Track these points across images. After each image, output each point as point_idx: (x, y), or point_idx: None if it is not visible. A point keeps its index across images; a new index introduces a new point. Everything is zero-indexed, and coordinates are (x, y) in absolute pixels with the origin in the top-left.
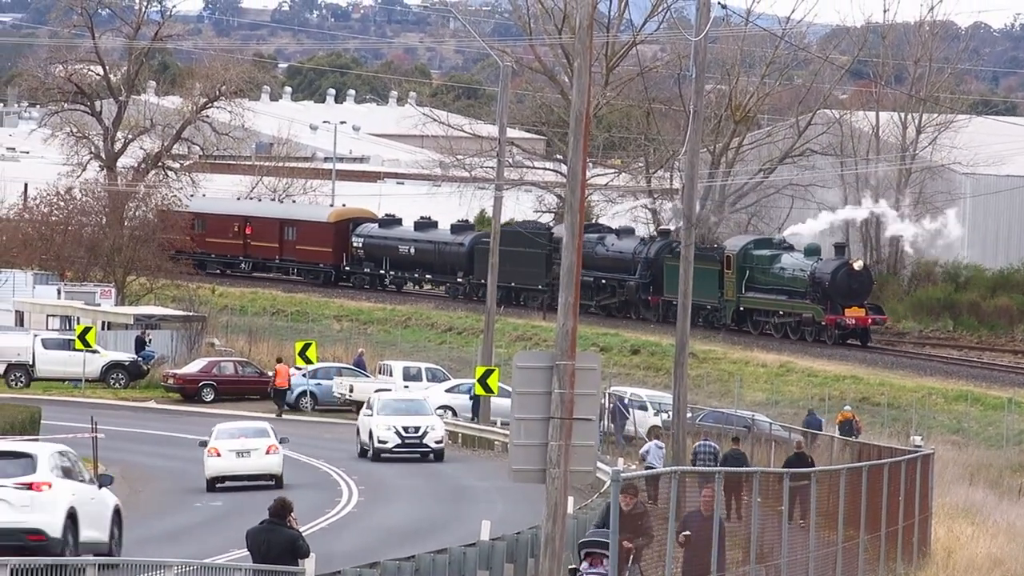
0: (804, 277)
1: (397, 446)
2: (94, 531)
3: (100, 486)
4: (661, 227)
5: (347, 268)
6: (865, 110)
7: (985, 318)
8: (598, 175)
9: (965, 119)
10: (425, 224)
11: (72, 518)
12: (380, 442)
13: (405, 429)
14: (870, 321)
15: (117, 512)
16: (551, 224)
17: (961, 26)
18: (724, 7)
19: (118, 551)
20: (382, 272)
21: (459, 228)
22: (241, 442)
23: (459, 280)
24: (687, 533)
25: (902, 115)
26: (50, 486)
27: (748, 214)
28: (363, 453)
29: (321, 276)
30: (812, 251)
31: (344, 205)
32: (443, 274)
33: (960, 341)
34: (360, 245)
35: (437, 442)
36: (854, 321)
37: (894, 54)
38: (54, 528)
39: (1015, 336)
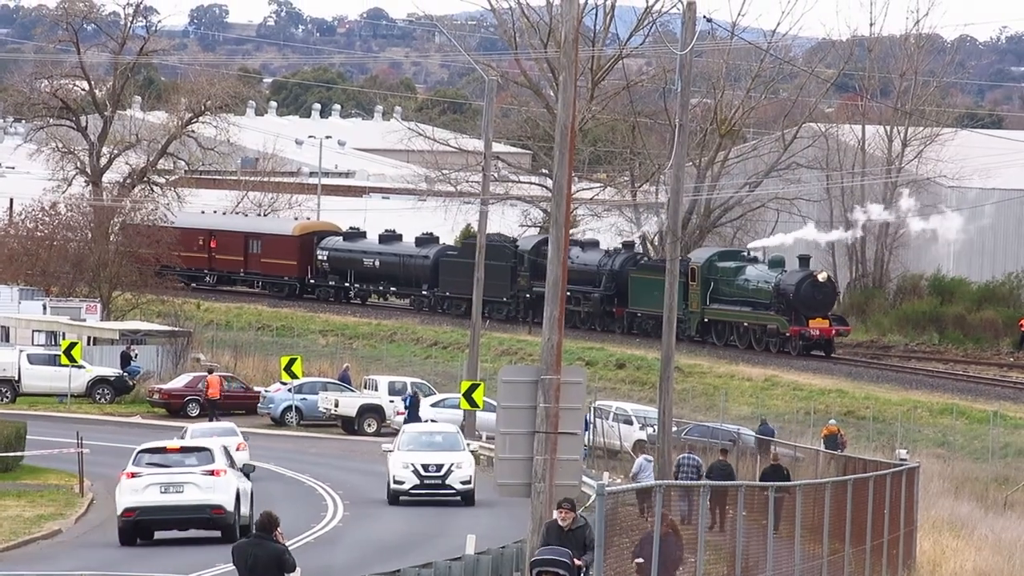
0: (768, 289)
1: (415, 487)
2: (245, 508)
3: (246, 475)
4: (625, 240)
5: (312, 281)
6: (851, 123)
7: (971, 331)
8: (584, 189)
9: (951, 132)
10: (390, 237)
11: (238, 498)
12: (396, 482)
13: (425, 467)
14: (834, 332)
15: (252, 494)
16: (516, 237)
17: (947, 39)
18: (710, 21)
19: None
20: (347, 285)
21: (424, 241)
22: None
23: (424, 292)
24: (640, 560)
25: (888, 128)
26: (225, 472)
27: (733, 228)
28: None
29: (286, 289)
30: (776, 263)
31: (308, 219)
32: (408, 286)
33: (946, 354)
34: (325, 258)
35: (464, 483)
36: (818, 332)
37: (880, 67)
38: (229, 504)
39: (1000, 349)
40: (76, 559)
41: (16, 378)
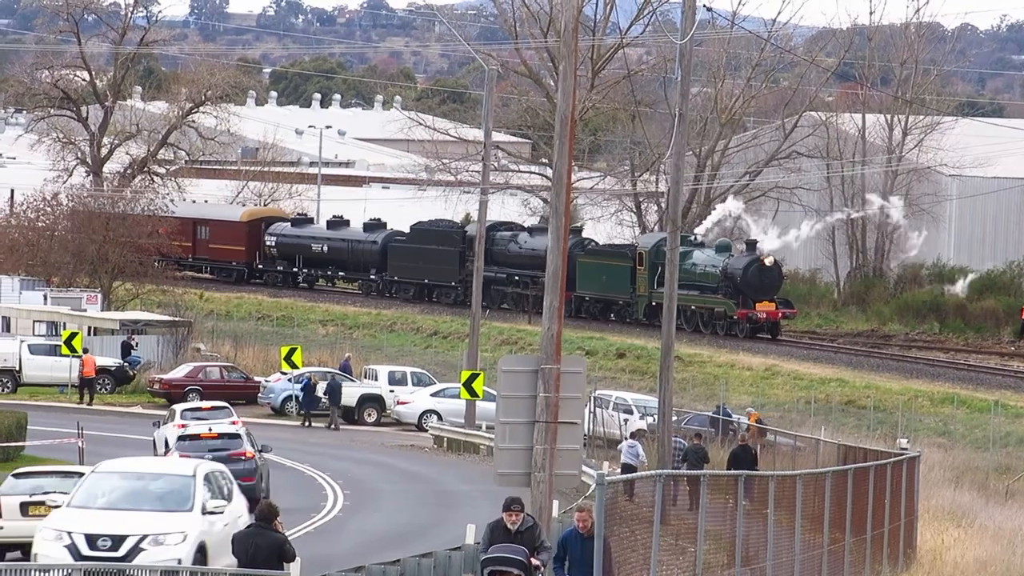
0: (716, 272)
1: None
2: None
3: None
4: (573, 225)
5: (260, 266)
6: (851, 112)
7: (971, 320)
8: (584, 178)
9: (951, 121)
10: (338, 223)
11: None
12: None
13: (91, 541)
14: (780, 315)
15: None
16: (463, 222)
17: (947, 28)
18: (710, 10)
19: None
20: (295, 270)
21: (372, 227)
22: None
23: (372, 277)
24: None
25: (888, 117)
26: (240, 423)
27: (733, 217)
28: None
29: (234, 274)
30: (723, 247)
31: (255, 205)
32: (356, 271)
33: (946, 343)
34: (273, 244)
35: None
36: (765, 315)
37: (880, 56)
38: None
39: (1001, 338)
40: None
41: (17, 368)
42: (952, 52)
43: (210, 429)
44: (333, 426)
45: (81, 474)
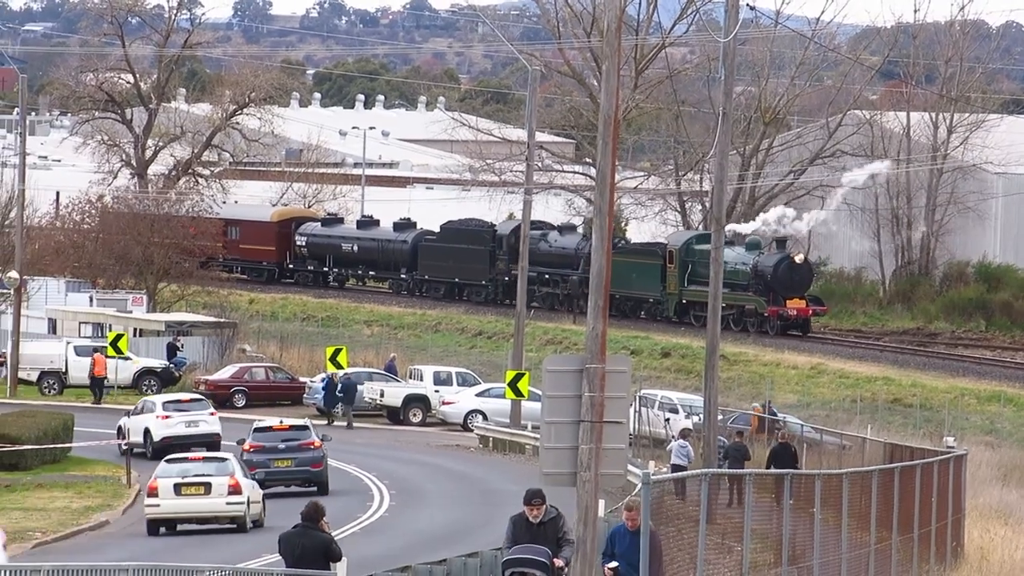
0: (746, 270)
1: None
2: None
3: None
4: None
5: (290, 266)
6: (896, 110)
7: (1018, 318)
8: (627, 178)
9: (997, 118)
10: (367, 223)
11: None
12: None
13: None
14: (811, 312)
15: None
16: (494, 222)
17: (992, 25)
18: (753, 9)
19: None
20: (325, 270)
21: (402, 226)
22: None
23: (403, 276)
24: (613, 566)
25: (933, 115)
26: (215, 413)
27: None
28: None
29: (265, 274)
30: (753, 245)
31: (286, 205)
32: (386, 271)
33: (993, 341)
34: (303, 244)
35: None
36: (795, 312)
37: (925, 54)
38: (220, 431)
39: None
40: (124, 550)
41: (63, 370)
42: (997, 50)
43: (281, 422)
44: (331, 423)
45: (224, 459)
